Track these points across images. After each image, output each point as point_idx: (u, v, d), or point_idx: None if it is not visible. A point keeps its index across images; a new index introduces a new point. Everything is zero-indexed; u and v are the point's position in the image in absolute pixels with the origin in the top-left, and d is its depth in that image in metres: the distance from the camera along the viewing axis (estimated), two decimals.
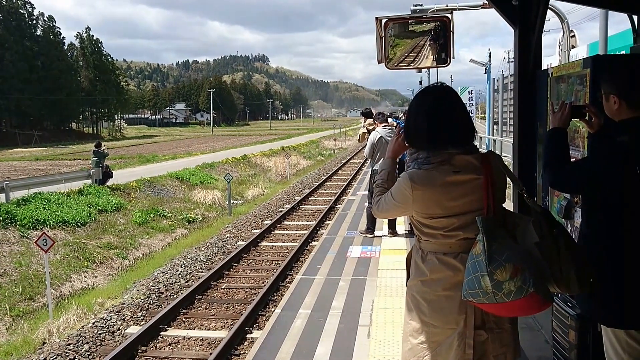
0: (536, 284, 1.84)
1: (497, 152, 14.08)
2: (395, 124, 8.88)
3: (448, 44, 4.54)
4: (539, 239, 1.95)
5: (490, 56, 19.62)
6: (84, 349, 6.28)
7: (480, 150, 2.24)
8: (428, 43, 4.66)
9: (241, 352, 6.02)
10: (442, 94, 2.10)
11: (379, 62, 4.68)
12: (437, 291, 2.06)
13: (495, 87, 20.22)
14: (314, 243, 10.34)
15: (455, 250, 2.04)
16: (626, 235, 2.23)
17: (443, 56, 4.72)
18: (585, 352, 2.91)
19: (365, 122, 9.04)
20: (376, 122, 8.19)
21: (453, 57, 4.60)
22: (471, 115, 22.98)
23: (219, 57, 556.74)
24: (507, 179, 2.17)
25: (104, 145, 17.31)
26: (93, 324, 7.07)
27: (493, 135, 15.79)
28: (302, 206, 16.11)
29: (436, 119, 2.04)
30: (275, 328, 4.90)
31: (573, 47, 10.82)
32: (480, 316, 2.02)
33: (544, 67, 4.38)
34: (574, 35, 10.89)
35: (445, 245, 2.06)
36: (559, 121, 2.42)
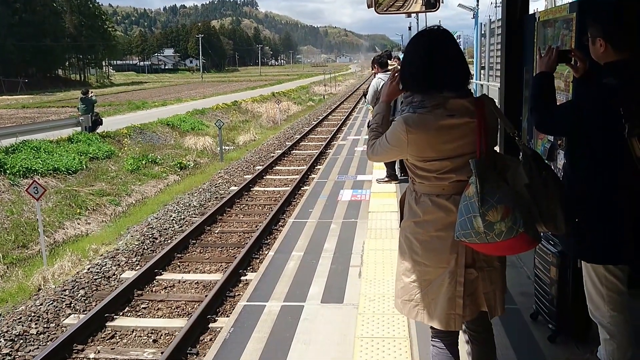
0: (526, 224, 1.90)
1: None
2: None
3: None
4: (528, 180, 2.00)
5: (478, 1, 19.35)
6: (79, 294, 6.36)
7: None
8: None
9: (236, 294, 6.13)
10: (439, 36, 2.09)
11: (369, 6, 4.55)
12: (429, 232, 2.10)
13: (483, 32, 19.89)
14: (305, 187, 10.38)
15: (448, 192, 2.07)
16: (607, 174, 2.30)
17: (432, 1, 4.61)
18: (566, 287, 3.02)
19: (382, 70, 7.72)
20: (376, 67, 7.83)
21: (442, 2, 4.52)
22: None
23: (207, 2, 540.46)
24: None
25: (92, 92, 16.97)
26: (88, 269, 7.14)
27: (480, 80, 15.65)
28: (294, 151, 16.11)
29: (432, 62, 2.03)
30: (269, 270, 4.96)
31: None
32: (471, 255, 2.07)
33: (531, 11, 4.37)
34: None
35: (439, 187, 2.08)
36: (545, 66, 2.46)
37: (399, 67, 2.24)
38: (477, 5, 19.67)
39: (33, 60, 72.18)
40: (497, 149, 2.41)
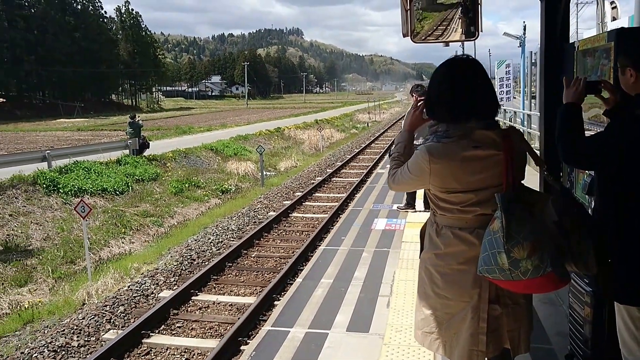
0: (554, 263, 1.83)
1: (534, 127, 13.79)
2: None
3: (476, 17, 4.48)
4: (557, 217, 1.93)
5: (525, 29, 18.89)
6: (119, 310, 6.63)
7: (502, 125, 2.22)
8: (458, 16, 4.60)
9: (268, 318, 6.23)
10: (468, 65, 2.04)
11: (404, 35, 4.61)
12: (451, 265, 2.05)
13: (533, 61, 19.64)
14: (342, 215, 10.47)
15: (471, 225, 2.02)
16: None
17: (472, 29, 4.64)
18: (601, 328, 2.90)
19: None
20: (414, 95, 7.98)
21: (481, 30, 4.54)
22: (510, 89, 22.33)
23: (254, 31, 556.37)
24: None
25: (139, 117, 17.75)
26: (128, 287, 7.42)
27: (530, 110, 15.41)
28: (334, 178, 16.24)
29: (460, 91, 1.99)
30: (296, 296, 5.05)
31: (614, 19, 10.40)
32: (495, 291, 2.01)
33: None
34: (615, 7, 10.47)
35: (462, 220, 2.03)
36: (572, 97, 2.33)
37: (419, 96, 2.21)
38: (524, 33, 19.32)
39: (89, 85, 75.93)
40: (535, 184, 2.33)
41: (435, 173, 1.98)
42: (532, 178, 2.61)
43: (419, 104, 2.23)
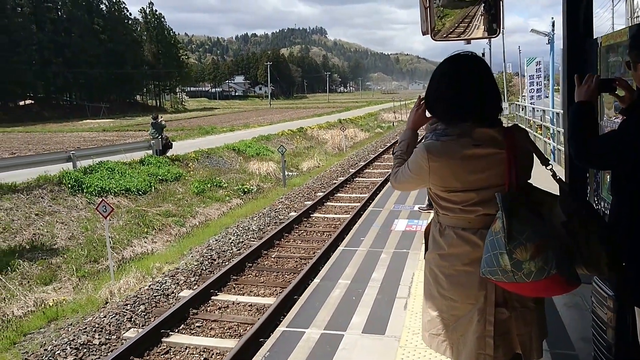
0: (559, 265, 1.76)
1: (562, 125, 13.51)
2: None
3: (498, 13, 4.40)
4: (566, 218, 1.87)
5: (553, 25, 18.33)
6: (140, 309, 6.71)
7: (505, 123, 2.16)
8: (480, 12, 4.51)
9: (284, 319, 6.24)
10: (468, 62, 1.97)
11: (424, 33, 4.55)
12: (455, 266, 2.00)
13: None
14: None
15: (474, 225, 1.97)
16: None
17: (494, 26, 4.55)
18: (624, 332, 2.83)
19: None
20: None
21: (503, 28, 4.46)
22: (541, 87, 21.78)
23: (277, 31, 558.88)
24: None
25: (161, 117, 17.97)
26: (149, 286, 7.51)
27: (559, 109, 15.09)
28: (356, 178, 16.19)
29: (460, 89, 1.93)
30: (313, 297, 5.04)
31: None
32: (502, 293, 1.95)
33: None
34: None
35: (464, 220, 1.99)
36: (584, 95, 2.25)
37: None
38: (553, 30, 18.82)
39: (114, 87, 77.35)
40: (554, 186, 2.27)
41: (435, 171, 1.95)
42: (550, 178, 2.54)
43: (421, 102, 2.19)
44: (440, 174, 1.95)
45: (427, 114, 2.17)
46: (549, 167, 2.07)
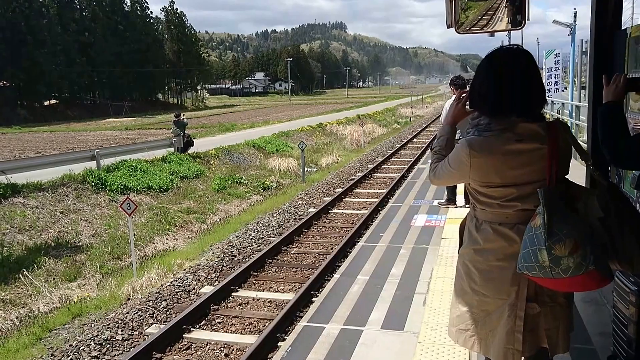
0: (597, 261, 1.77)
1: (582, 118, 13.30)
2: None
3: (523, 4, 4.33)
4: (602, 214, 1.86)
5: (575, 16, 17.96)
6: (162, 306, 6.80)
7: (547, 118, 2.12)
8: (504, 4, 4.45)
9: (305, 314, 6.26)
10: (513, 56, 1.96)
11: (448, 26, 4.48)
12: (490, 261, 2.01)
13: (584, 49, 18.79)
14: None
15: (512, 220, 1.97)
16: None
17: (518, 18, 4.47)
18: None
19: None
20: (452, 88, 7.81)
21: (528, 19, 4.39)
22: (559, 79, 21.48)
23: (297, 26, 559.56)
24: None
25: (183, 115, 18.11)
26: (171, 283, 7.61)
27: (579, 102, 14.81)
28: (375, 174, 16.15)
29: (505, 83, 1.92)
30: (333, 292, 5.06)
31: None
32: (534, 289, 1.96)
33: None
34: None
35: (502, 215, 1.99)
36: (612, 95, 2.23)
37: (461, 89, 2.15)
38: (575, 21, 18.46)
39: (136, 85, 78.36)
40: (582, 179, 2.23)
41: (476, 167, 1.94)
42: (577, 172, 2.50)
43: (462, 97, 2.19)
44: (482, 169, 1.95)
45: (467, 109, 2.17)
46: (589, 163, 2.05)
